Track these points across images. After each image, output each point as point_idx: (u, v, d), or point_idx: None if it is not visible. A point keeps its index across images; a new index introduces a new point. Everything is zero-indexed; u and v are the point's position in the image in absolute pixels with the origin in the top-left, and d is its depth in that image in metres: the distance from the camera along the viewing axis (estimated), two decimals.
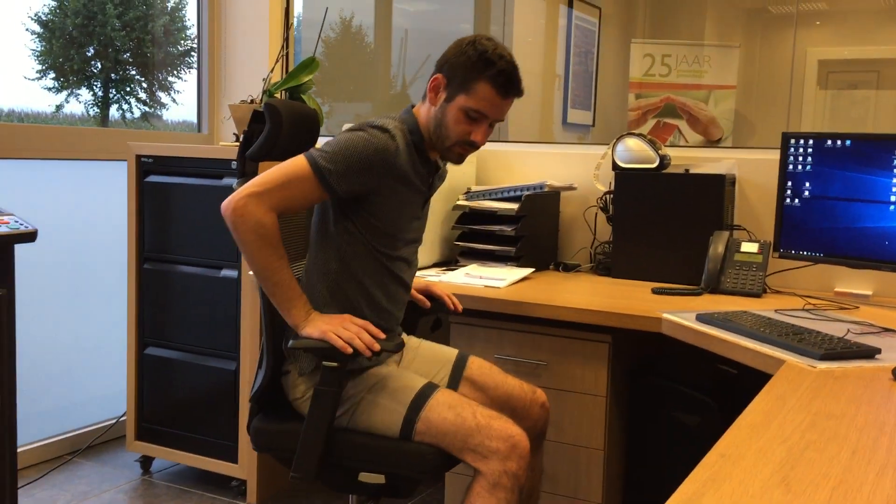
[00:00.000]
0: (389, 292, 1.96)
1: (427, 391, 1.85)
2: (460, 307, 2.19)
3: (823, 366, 1.61)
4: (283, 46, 3.38)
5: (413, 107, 1.96)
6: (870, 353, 1.70)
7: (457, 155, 1.94)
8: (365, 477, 1.86)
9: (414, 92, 4.42)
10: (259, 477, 2.76)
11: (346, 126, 1.87)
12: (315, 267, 1.93)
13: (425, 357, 2.11)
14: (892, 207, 2.26)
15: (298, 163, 1.79)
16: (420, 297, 2.17)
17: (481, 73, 1.84)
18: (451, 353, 2.12)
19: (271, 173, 1.79)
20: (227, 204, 1.77)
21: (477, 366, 2.09)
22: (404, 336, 2.14)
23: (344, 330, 1.76)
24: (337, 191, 1.80)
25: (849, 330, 1.93)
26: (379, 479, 1.86)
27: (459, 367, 2.08)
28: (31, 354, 2.34)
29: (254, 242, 1.76)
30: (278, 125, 1.95)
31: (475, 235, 2.78)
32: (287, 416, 1.94)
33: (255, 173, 2.06)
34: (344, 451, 1.86)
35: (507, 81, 1.85)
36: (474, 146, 1.92)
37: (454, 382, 2.05)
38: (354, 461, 1.86)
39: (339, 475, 1.90)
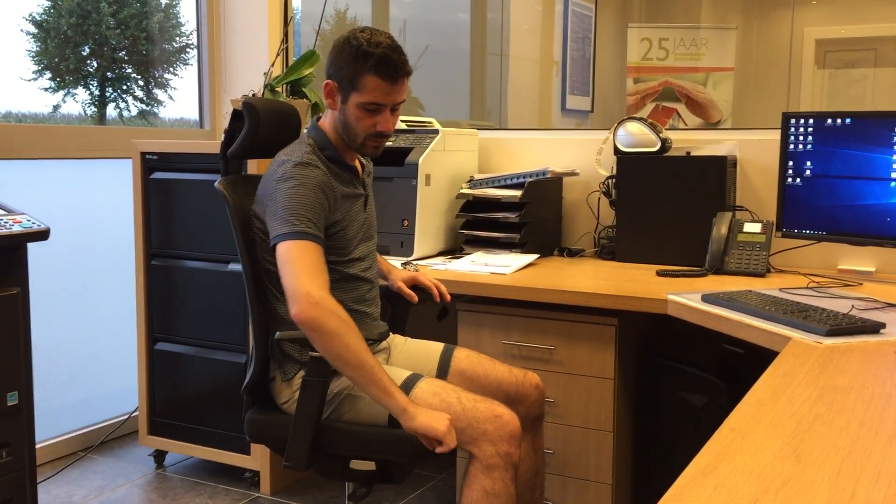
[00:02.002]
0: (354, 294, 2.00)
1: (411, 381, 1.88)
2: (448, 296, 2.23)
3: (829, 341, 1.63)
4: (282, 40, 3.39)
5: (319, 119, 2.01)
6: (875, 328, 1.72)
7: (371, 148, 1.97)
8: (356, 464, 1.91)
9: (413, 82, 4.43)
10: (272, 468, 2.79)
11: (275, 178, 1.88)
12: (270, 283, 1.98)
13: (411, 353, 2.13)
14: (892, 184, 2.28)
15: (290, 247, 1.80)
16: (408, 291, 2.20)
17: (364, 67, 1.86)
18: (436, 347, 2.14)
19: (292, 271, 1.77)
20: (301, 313, 1.74)
21: (464, 356, 2.11)
22: (391, 336, 2.17)
23: (444, 430, 1.75)
24: (322, 236, 1.86)
25: (853, 306, 1.95)
26: (370, 465, 1.90)
27: (446, 359, 2.10)
28: (41, 353, 2.36)
29: (342, 328, 1.75)
30: (257, 124, 1.99)
31: (479, 223, 2.80)
32: (279, 408, 1.99)
33: (238, 171, 2.10)
34: (334, 440, 1.90)
35: (389, 67, 1.86)
36: (384, 136, 1.95)
37: (442, 375, 2.07)
38: (345, 449, 1.90)
39: (331, 463, 1.95)
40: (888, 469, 1.00)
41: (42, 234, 2.16)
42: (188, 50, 3.69)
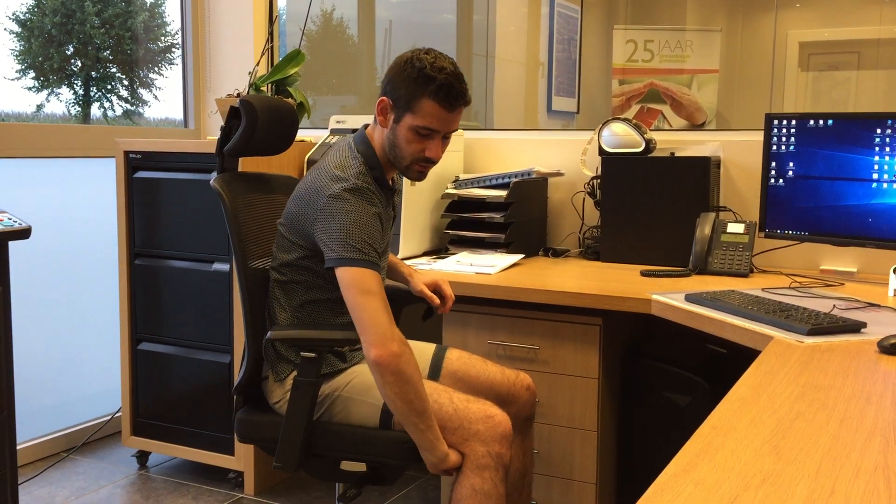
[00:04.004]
0: None
1: None
2: (447, 310, 2.21)
3: (811, 341, 1.64)
4: (267, 40, 3.38)
5: (367, 127, 1.95)
6: (856, 327, 1.73)
7: (416, 172, 1.92)
8: (347, 465, 1.90)
9: None
10: (256, 468, 2.78)
11: (328, 194, 1.81)
12: (279, 290, 1.96)
13: None
14: (874, 185, 2.30)
15: (365, 276, 1.75)
16: (430, 294, 2.14)
17: (423, 91, 1.80)
18: (428, 347, 2.14)
19: (371, 306, 1.73)
20: (388, 356, 1.70)
21: (456, 357, 2.11)
22: None
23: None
24: (382, 265, 1.83)
25: (835, 306, 1.96)
26: (360, 467, 1.90)
27: (438, 360, 2.10)
28: (24, 353, 2.35)
29: (416, 374, 1.74)
30: (254, 121, 1.97)
31: (464, 223, 2.80)
32: (270, 408, 1.98)
33: (234, 168, 2.08)
34: (325, 441, 1.89)
35: (450, 95, 1.81)
36: (431, 162, 1.90)
37: (434, 376, 2.07)
38: (336, 450, 1.90)
39: (321, 464, 1.94)
40: (867, 466, 1.01)
41: (23, 233, 2.15)
42: (173, 49, 3.68)
